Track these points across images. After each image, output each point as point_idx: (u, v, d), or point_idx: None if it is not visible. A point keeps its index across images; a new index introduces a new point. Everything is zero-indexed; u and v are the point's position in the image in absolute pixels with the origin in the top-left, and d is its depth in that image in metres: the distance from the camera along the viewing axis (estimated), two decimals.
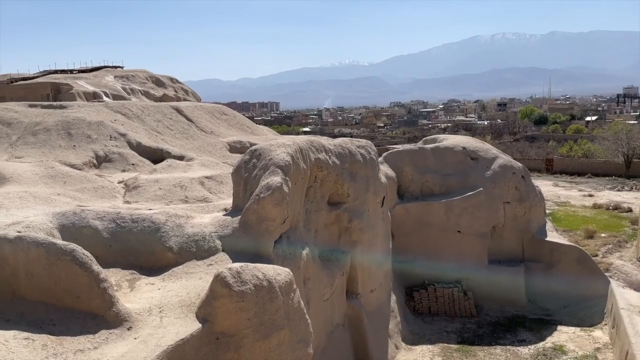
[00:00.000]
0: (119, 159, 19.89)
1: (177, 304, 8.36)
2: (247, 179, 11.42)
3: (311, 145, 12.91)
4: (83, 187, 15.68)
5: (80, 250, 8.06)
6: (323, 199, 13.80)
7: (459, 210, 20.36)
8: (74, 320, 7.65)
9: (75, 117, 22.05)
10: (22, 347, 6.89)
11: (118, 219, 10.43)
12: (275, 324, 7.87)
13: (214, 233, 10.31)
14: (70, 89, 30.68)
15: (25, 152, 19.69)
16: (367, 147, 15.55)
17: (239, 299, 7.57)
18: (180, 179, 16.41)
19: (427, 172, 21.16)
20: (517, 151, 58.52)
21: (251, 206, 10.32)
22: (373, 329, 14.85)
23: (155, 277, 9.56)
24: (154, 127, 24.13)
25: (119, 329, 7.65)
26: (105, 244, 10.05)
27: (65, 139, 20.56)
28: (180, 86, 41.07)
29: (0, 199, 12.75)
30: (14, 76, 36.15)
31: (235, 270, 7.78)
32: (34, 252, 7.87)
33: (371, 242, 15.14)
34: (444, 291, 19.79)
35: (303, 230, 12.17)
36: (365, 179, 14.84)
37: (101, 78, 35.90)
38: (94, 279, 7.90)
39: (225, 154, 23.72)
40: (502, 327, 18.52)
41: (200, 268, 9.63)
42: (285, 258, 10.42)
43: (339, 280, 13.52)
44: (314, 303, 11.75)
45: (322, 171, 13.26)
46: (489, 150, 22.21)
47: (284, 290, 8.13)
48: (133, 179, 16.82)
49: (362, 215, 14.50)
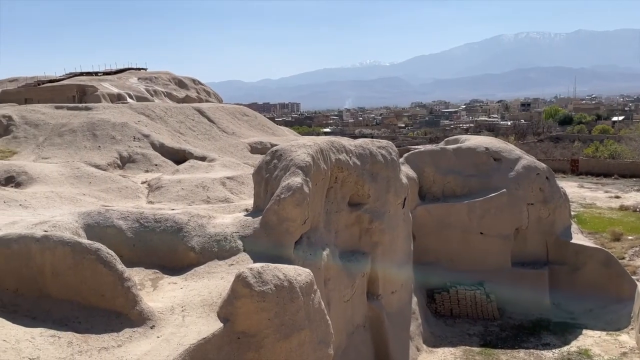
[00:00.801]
0: (143, 159, 20.18)
1: (199, 304, 8.44)
2: (268, 179, 11.47)
3: (332, 146, 12.90)
4: (107, 188, 15.95)
5: (104, 250, 8.19)
6: (344, 200, 13.78)
7: (481, 212, 20.12)
8: (98, 318, 7.78)
9: (100, 119, 22.44)
10: (48, 344, 7.04)
11: (141, 219, 10.58)
12: (296, 324, 7.88)
13: (235, 233, 10.38)
14: (95, 91, 31.23)
15: (52, 153, 20.11)
16: (388, 148, 15.47)
17: (259, 299, 7.61)
18: (202, 180, 16.57)
19: (449, 173, 20.96)
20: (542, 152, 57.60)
21: (272, 207, 10.36)
22: (394, 330, 14.77)
23: (177, 276, 9.67)
24: (176, 128, 24.42)
25: (142, 328, 7.75)
26: (129, 244, 10.20)
27: (90, 140, 20.94)
28: (202, 87, 41.48)
29: (28, 199, 13.05)
30: (41, 79, 36.96)
31: (256, 271, 7.82)
32: (60, 251, 8.02)
33: (392, 244, 15.06)
34: (466, 293, 19.58)
35: (323, 231, 12.17)
36: (386, 180, 14.78)
37: (125, 80, 36.48)
38: (118, 277, 8.02)
39: (247, 154, 23.87)
40: (525, 331, 18.24)
41: (222, 268, 9.70)
42: (305, 259, 10.43)
43: (359, 282, 13.48)
44: (334, 304, 11.74)
45: (342, 172, 13.25)
46: (513, 150, 21.91)
47: (305, 291, 8.14)
48: (156, 180, 17.04)
49: (383, 216, 14.44)
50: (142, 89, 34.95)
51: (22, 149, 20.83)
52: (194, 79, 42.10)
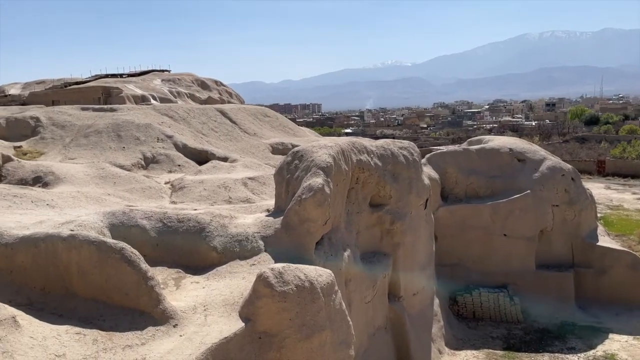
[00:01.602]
0: (166, 160, 20.44)
1: (221, 303, 8.50)
2: (289, 180, 11.50)
3: (353, 147, 12.87)
4: (132, 188, 16.19)
5: (129, 249, 8.32)
6: (365, 201, 13.74)
7: (505, 213, 19.87)
8: (122, 316, 7.90)
9: (125, 120, 22.81)
10: (74, 342, 7.17)
11: (165, 218, 10.71)
12: (317, 324, 7.88)
13: (257, 233, 10.43)
14: (120, 93, 31.74)
15: (78, 154, 20.50)
16: (410, 149, 15.37)
17: (281, 299, 7.63)
18: (224, 180, 16.71)
19: (471, 173, 20.75)
20: (567, 152, 56.57)
21: (293, 207, 10.38)
22: (415, 332, 14.67)
23: (200, 275, 9.76)
24: (199, 129, 24.67)
25: (165, 326, 7.85)
26: (152, 243, 10.33)
27: (115, 140, 21.29)
28: (224, 89, 41.83)
29: (55, 199, 13.32)
30: (68, 81, 37.69)
31: (277, 271, 7.84)
32: (85, 250, 8.17)
33: (414, 245, 14.96)
34: (489, 296, 19.34)
35: (344, 232, 12.15)
36: (408, 181, 14.68)
37: (149, 82, 36.99)
38: (142, 276, 8.13)
39: (268, 155, 24.00)
40: (550, 334, 17.94)
41: (244, 268, 9.76)
42: (326, 259, 10.43)
43: (380, 283, 13.42)
44: (355, 305, 11.70)
45: (363, 172, 13.21)
46: (537, 151, 21.58)
47: (326, 292, 8.13)
48: (179, 180, 17.24)
49: (404, 217, 14.35)
50: (165, 90, 35.40)
51: (49, 149, 21.30)
52: (216, 80, 42.48)
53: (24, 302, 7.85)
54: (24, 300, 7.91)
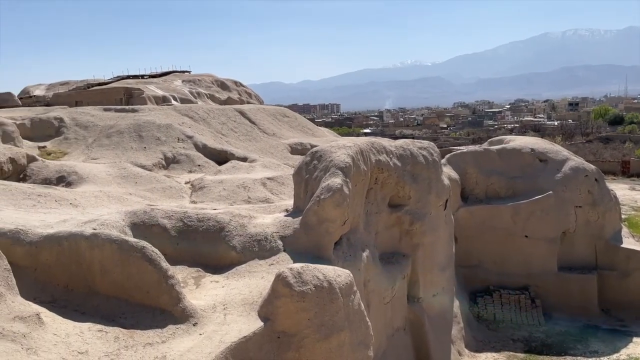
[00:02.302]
0: (186, 160, 20.66)
1: (240, 302, 8.55)
2: (308, 180, 11.51)
3: (372, 147, 12.84)
4: (152, 187, 16.39)
5: (150, 248, 8.42)
6: (384, 201, 13.69)
7: (526, 214, 19.62)
8: (143, 314, 8.00)
9: (146, 120, 23.10)
10: (96, 339, 7.29)
11: (185, 218, 10.81)
12: (336, 325, 7.88)
13: (276, 233, 10.47)
14: (141, 94, 32.16)
15: (100, 154, 20.84)
16: (430, 149, 15.28)
17: (299, 299, 7.64)
18: (244, 180, 16.81)
19: (492, 174, 20.54)
20: (590, 153, 55.58)
21: (312, 207, 10.40)
22: (435, 334, 14.57)
23: (219, 275, 9.83)
24: (218, 130, 24.87)
25: (185, 325, 7.93)
26: (172, 242, 10.44)
27: (136, 141, 21.58)
28: (244, 89, 42.08)
29: (78, 198, 13.55)
30: (91, 82, 38.32)
31: (296, 271, 7.86)
32: (107, 248, 8.30)
33: (433, 246, 14.86)
34: (510, 298, 19.13)
35: (363, 232, 12.12)
36: (428, 181, 14.59)
37: (170, 82, 37.41)
38: (163, 275, 8.22)
39: (287, 155, 24.07)
40: (572, 337, 17.65)
41: (262, 267, 9.81)
42: (345, 260, 10.42)
43: (399, 284, 13.36)
44: (374, 306, 11.67)
45: (382, 173, 13.16)
46: (560, 151, 21.26)
47: (344, 292, 8.12)
48: (199, 180, 17.40)
49: (424, 217, 14.26)
50: (186, 91, 35.76)
51: (72, 149, 21.68)
52: (235, 81, 42.75)
53: (47, 300, 8.01)
54: (48, 298, 8.06)
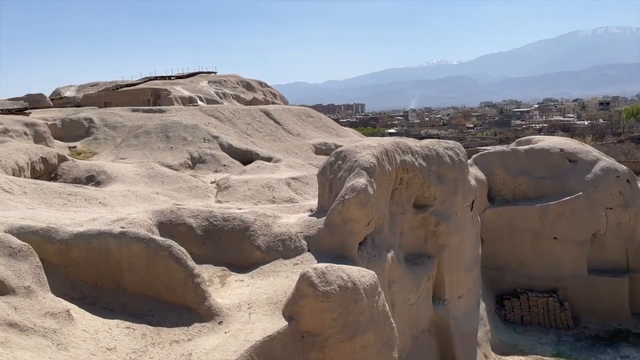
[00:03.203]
0: (212, 160, 20.88)
1: (265, 301, 8.59)
2: (332, 180, 11.50)
3: (397, 147, 12.76)
4: (179, 187, 16.61)
5: (176, 246, 8.53)
6: (409, 202, 13.59)
7: (555, 216, 19.24)
8: (170, 312, 8.10)
9: (173, 121, 23.43)
10: (124, 336, 7.41)
11: (210, 217, 10.92)
12: (360, 325, 7.85)
13: (300, 233, 10.49)
14: (168, 94, 32.62)
15: (128, 154, 21.22)
16: (456, 149, 15.11)
17: (323, 299, 7.64)
18: (268, 180, 16.90)
19: (520, 174, 20.22)
20: (622, 153, 54.14)
21: (336, 207, 10.38)
22: (460, 336, 14.40)
23: (244, 274, 9.90)
24: (243, 130, 25.06)
25: (211, 323, 8.00)
26: (198, 241, 10.56)
27: (163, 141, 21.91)
28: (268, 90, 42.32)
29: (107, 197, 13.82)
30: (119, 83, 39.04)
31: (320, 271, 7.86)
32: (135, 247, 8.43)
33: (459, 247, 14.69)
34: (538, 300, 18.79)
35: (388, 233, 12.05)
36: (454, 182, 14.43)
37: (196, 83, 37.86)
38: (189, 274, 8.32)
39: (311, 155, 24.11)
40: (602, 342, 17.25)
41: (287, 267, 9.84)
42: (369, 260, 10.37)
43: (424, 285, 13.24)
44: (399, 307, 11.59)
45: (408, 173, 13.07)
46: (590, 152, 20.79)
47: (369, 293, 8.09)
48: (224, 180, 17.56)
49: (449, 218, 14.11)
50: (211, 91, 36.14)
51: (101, 149, 22.13)
52: (260, 81, 43.02)
53: (77, 296, 8.17)
54: (78, 295, 8.23)
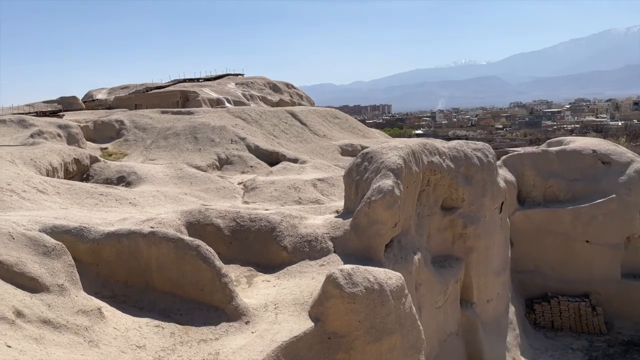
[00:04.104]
0: (239, 161, 21.08)
1: (291, 302, 8.62)
2: (359, 181, 11.47)
3: (424, 148, 12.65)
4: (207, 188, 16.80)
5: (204, 246, 8.63)
6: (436, 203, 13.46)
7: (587, 218, 18.80)
8: (198, 311, 8.20)
9: (201, 123, 23.74)
10: (153, 334, 7.53)
11: (238, 218, 11.02)
12: (386, 328, 7.80)
13: (326, 234, 10.49)
14: (196, 96, 33.07)
15: (158, 155, 21.58)
16: (484, 150, 14.90)
17: (350, 301, 7.62)
18: (294, 181, 16.95)
19: (551, 176, 19.83)
20: None
21: (362, 209, 10.35)
22: (489, 340, 14.18)
23: (270, 274, 9.95)
24: (270, 131, 25.22)
25: (238, 323, 8.06)
26: (226, 241, 10.66)
27: (192, 142, 22.21)
28: (295, 91, 42.50)
29: (137, 197, 14.07)
30: (149, 85, 39.76)
31: (346, 272, 7.84)
32: (164, 246, 8.57)
33: (488, 250, 14.47)
34: (570, 305, 18.38)
35: (415, 235, 11.96)
36: (482, 183, 14.24)
37: (224, 85, 38.29)
38: (216, 273, 8.41)
39: (337, 156, 24.10)
40: (636, 348, 16.78)
41: (313, 268, 9.85)
42: (396, 262, 10.31)
43: (452, 288, 13.09)
44: (426, 310, 11.49)
45: (435, 175, 12.95)
46: (624, 153, 20.25)
47: (395, 295, 8.04)
48: (251, 181, 17.70)
49: (478, 221, 13.92)
50: (239, 93, 36.49)
51: (132, 150, 22.56)
52: (287, 83, 43.26)
53: (108, 295, 8.34)
54: (109, 293, 8.40)
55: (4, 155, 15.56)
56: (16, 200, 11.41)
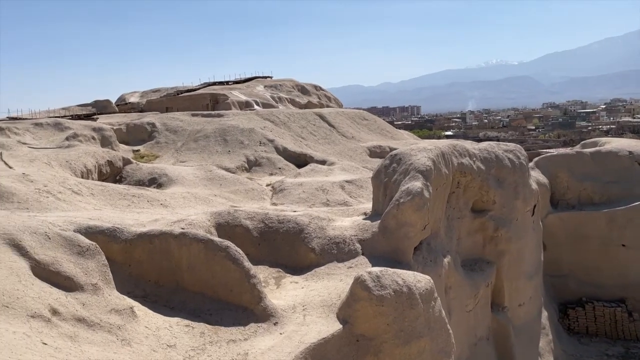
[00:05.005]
0: (267, 163, 21.22)
1: (319, 304, 8.62)
2: (387, 183, 11.41)
3: (454, 150, 12.50)
4: (236, 189, 16.97)
5: (233, 247, 8.71)
6: (466, 206, 13.28)
7: (623, 222, 18.26)
8: (227, 311, 8.28)
9: (230, 125, 24.00)
10: (183, 333, 7.64)
11: (266, 219, 11.09)
12: (415, 331, 7.72)
13: (354, 236, 10.46)
14: (226, 99, 33.45)
15: (188, 157, 21.91)
16: (516, 152, 14.64)
17: (378, 303, 7.58)
18: (322, 183, 16.96)
19: (585, 178, 19.35)
20: None
21: (391, 211, 10.28)
22: (521, 345, 13.90)
23: (298, 276, 9.97)
24: (298, 133, 25.31)
25: (266, 324, 8.11)
26: (254, 243, 10.74)
27: (221, 144, 22.48)
28: (323, 93, 42.57)
29: (168, 199, 14.31)
30: (180, 89, 40.41)
31: (374, 274, 7.80)
32: (194, 247, 8.69)
33: (519, 253, 14.20)
34: (605, 310, 17.88)
35: (444, 238, 11.82)
36: (514, 186, 13.98)
37: (253, 88, 38.62)
38: (245, 274, 8.48)
39: (365, 158, 24.02)
40: None
41: (341, 270, 9.83)
42: (425, 265, 10.20)
43: (483, 292, 12.89)
44: (456, 313, 11.34)
45: (465, 176, 12.78)
46: None
47: (425, 298, 7.95)
48: (279, 182, 17.79)
49: (509, 223, 13.67)
50: (267, 96, 36.76)
51: (163, 153, 22.96)
52: (315, 85, 43.36)
53: (140, 294, 8.50)
54: (140, 292, 8.56)
55: (41, 158, 16.04)
56: (52, 202, 11.74)
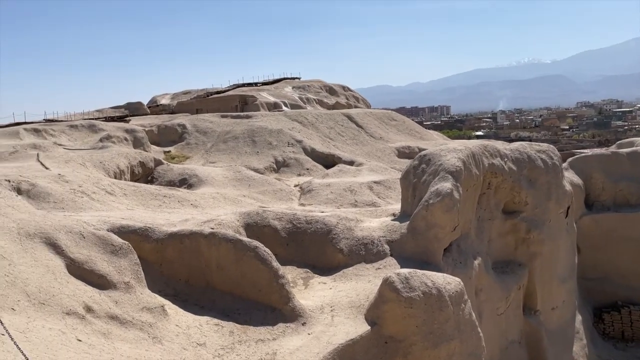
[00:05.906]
0: (295, 164, 21.31)
1: (347, 305, 8.60)
2: (416, 184, 11.31)
3: (484, 150, 12.31)
4: (264, 190, 17.08)
5: (262, 248, 8.78)
6: (497, 207, 13.06)
7: None
8: (256, 311, 8.34)
9: (259, 126, 24.19)
10: (213, 332, 7.73)
11: (294, 219, 11.12)
12: (445, 334, 7.64)
13: (382, 237, 10.40)
14: (255, 100, 33.72)
15: (217, 158, 22.17)
16: (549, 152, 14.32)
17: (407, 305, 7.52)
18: (350, 184, 16.92)
19: (621, 179, 18.79)
20: None
21: (420, 212, 10.19)
22: (554, 349, 13.59)
23: (326, 276, 9.97)
24: (326, 134, 25.33)
25: (294, 324, 8.13)
26: (282, 243, 10.79)
27: (250, 145, 22.68)
28: (351, 94, 42.49)
29: (198, 199, 14.50)
30: (210, 90, 40.92)
31: (403, 276, 7.74)
32: (224, 247, 8.78)
33: (552, 255, 13.88)
34: None
35: (475, 239, 11.65)
36: (547, 186, 13.68)
37: (281, 89, 38.83)
38: (274, 274, 8.53)
39: (394, 159, 23.87)
40: None
41: (369, 271, 9.79)
42: (455, 267, 10.07)
43: (514, 295, 12.65)
44: (486, 316, 11.16)
45: (496, 177, 12.57)
46: None
47: (454, 300, 7.85)
48: (307, 183, 17.83)
49: (542, 225, 13.38)
50: (295, 97, 36.90)
51: (193, 154, 23.30)
52: (343, 85, 43.31)
53: (170, 293, 8.64)
54: (171, 291, 8.70)
55: (76, 159, 16.46)
56: (87, 202, 12.03)
